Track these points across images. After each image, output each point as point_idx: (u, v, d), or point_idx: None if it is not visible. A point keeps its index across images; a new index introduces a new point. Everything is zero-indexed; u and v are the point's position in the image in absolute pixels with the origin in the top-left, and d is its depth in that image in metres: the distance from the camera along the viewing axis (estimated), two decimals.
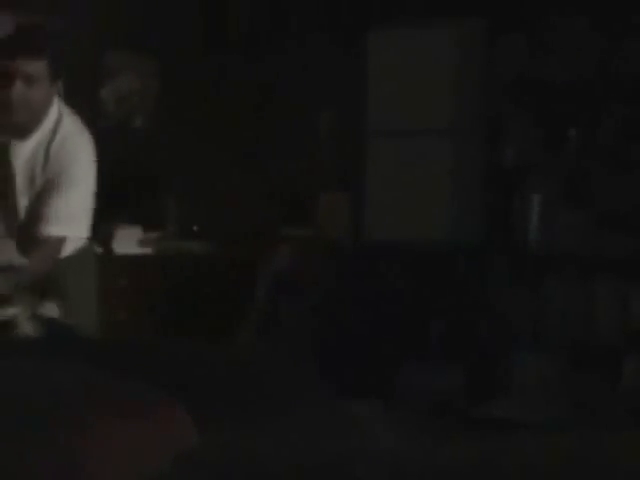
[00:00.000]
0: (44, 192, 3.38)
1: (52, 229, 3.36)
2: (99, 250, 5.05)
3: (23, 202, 3.41)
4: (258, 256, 5.30)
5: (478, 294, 5.02)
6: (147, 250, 5.39)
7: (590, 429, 3.73)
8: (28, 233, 3.37)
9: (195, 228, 5.76)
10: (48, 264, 3.39)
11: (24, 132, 3.39)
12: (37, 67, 3.28)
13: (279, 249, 5.33)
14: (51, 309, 3.22)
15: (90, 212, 3.47)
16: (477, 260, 5.04)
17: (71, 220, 3.40)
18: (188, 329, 4.99)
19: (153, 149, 5.74)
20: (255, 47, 5.95)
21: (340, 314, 5.36)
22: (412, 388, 5.03)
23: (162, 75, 5.85)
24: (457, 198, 5.27)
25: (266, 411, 1.79)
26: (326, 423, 1.86)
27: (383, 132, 5.43)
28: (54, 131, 3.41)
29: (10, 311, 3.05)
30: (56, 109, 3.43)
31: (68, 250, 3.43)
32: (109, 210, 5.19)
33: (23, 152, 3.41)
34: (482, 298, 4.99)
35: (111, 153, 3.75)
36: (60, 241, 3.39)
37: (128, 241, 5.31)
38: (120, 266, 5.15)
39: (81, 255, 3.51)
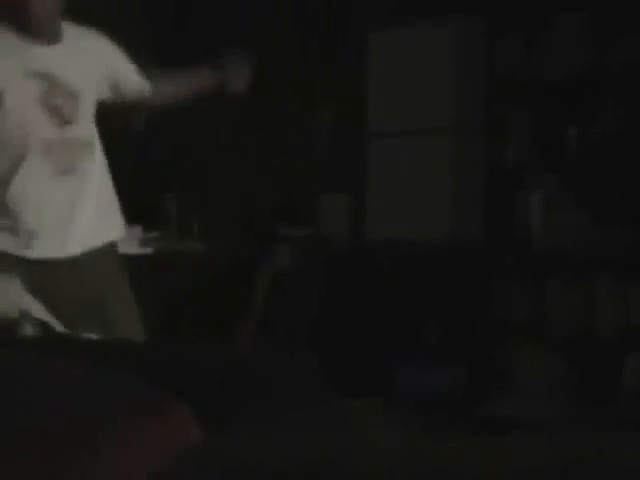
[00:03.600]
0: None
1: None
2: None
3: None
4: (258, 256, 5.30)
5: (478, 293, 5.02)
6: (147, 250, 5.39)
7: (590, 428, 3.73)
8: None
9: (195, 228, 5.77)
10: None
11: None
12: None
13: (279, 249, 5.33)
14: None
15: None
16: (477, 259, 5.04)
17: None
18: (188, 329, 5.00)
19: (153, 149, 5.74)
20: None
21: (340, 314, 5.37)
22: (412, 388, 5.03)
23: None
24: (457, 198, 5.27)
25: (267, 410, 1.79)
26: (326, 422, 1.86)
27: (383, 132, 5.43)
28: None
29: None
30: None
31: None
32: None
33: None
34: (482, 297, 4.99)
35: (111, 153, 3.75)
36: None
37: (128, 241, 5.31)
38: None
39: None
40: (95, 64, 3.31)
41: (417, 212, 5.31)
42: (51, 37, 3.18)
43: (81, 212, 3.29)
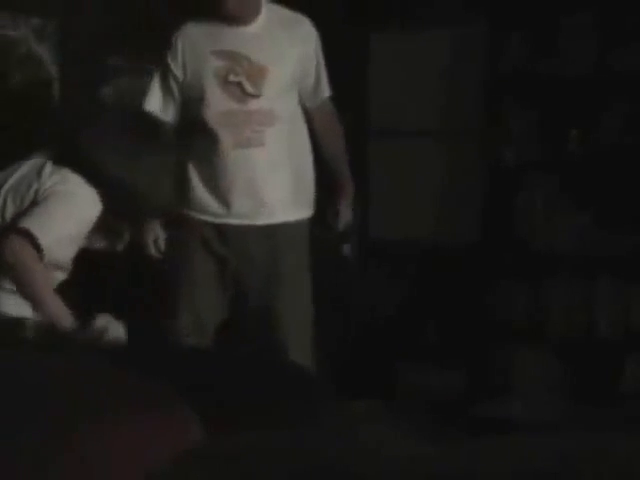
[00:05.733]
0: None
1: None
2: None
3: None
4: None
5: (478, 293, 5.02)
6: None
7: (590, 429, 3.73)
8: None
9: None
10: None
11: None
12: None
13: None
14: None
15: None
16: (477, 259, 5.04)
17: None
18: None
19: None
20: None
21: (340, 314, 5.36)
22: (412, 388, 5.02)
23: None
24: (457, 198, 5.27)
25: (268, 410, 1.79)
26: (326, 423, 1.87)
27: (383, 132, 5.43)
28: None
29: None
30: None
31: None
32: None
33: None
34: (482, 297, 4.99)
35: None
36: None
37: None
38: None
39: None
40: (289, 46, 3.43)
41: (417, 212, 5.31)
42: (246, 19, 3.37)
43: (271, 184, 3.38)
